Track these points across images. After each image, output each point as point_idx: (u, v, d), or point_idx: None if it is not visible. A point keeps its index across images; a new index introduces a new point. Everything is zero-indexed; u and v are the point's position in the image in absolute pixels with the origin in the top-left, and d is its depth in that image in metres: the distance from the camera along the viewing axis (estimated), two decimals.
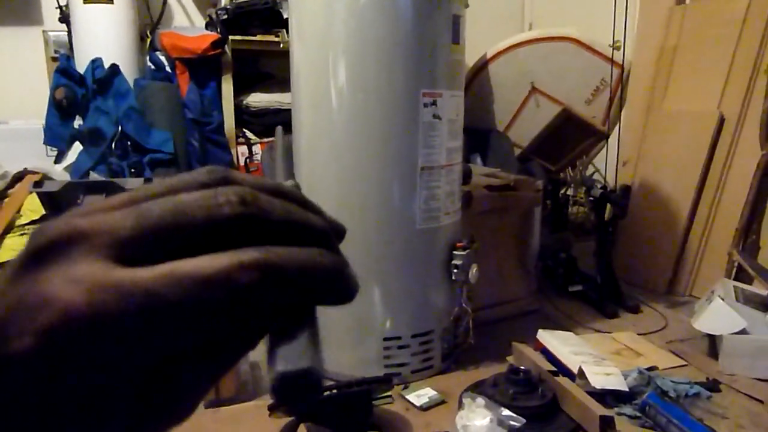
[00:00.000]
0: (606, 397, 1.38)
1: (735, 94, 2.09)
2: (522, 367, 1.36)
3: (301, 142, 1.52)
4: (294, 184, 0.28)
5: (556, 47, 2.69)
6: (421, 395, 1.44)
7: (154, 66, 2.74)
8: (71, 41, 2.67)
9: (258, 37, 2.73)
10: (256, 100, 2.81)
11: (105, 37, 2.59)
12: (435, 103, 1.43)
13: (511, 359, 1.58)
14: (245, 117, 2.82)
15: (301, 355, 0.21)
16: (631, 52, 2.47)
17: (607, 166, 2.31)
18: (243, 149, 2.84)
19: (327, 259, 0.22)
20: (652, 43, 2.42)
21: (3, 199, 2.18)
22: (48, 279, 0.19)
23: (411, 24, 1.38)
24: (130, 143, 2.52)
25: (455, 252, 1.52)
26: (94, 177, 2.40)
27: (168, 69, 2.74)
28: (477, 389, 1.35)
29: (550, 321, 1.93)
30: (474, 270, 1.52)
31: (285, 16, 2.68)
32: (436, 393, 1.45)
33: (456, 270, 1.51)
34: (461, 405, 1.29)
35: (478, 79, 2.82)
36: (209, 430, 1.30)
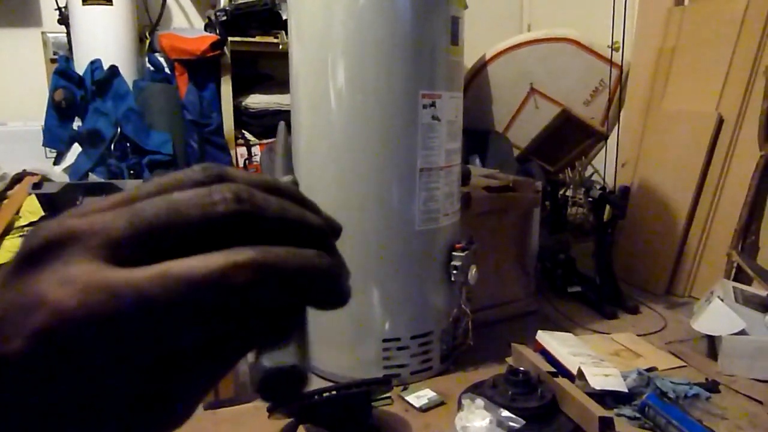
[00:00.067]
0: (605, 398, 1.38)
1: (734, 94, 2.09)
2: (521, 368, 1.36)
3: (300, 143, 1.52)
4: (292, 179, 0.28)
5: (555, 48, 2.69)
6: (421, 396, 1.44)
7: (153, 67, 2.75)
8: (70, 43, 2.67)
9: (257, 39, 2.73)
10: (255, 101, 2.81)
11: (104, 39, 2.59)
12: (434, 105, 1.43)
13: (511, 360, 1.58)
14: (244, 118, 2.82)
15: (287, 353, 0.21)
16: (630, 53, 2.47)
17: (606, 167, 2.31)
18: (242, 150, 2.84)
19: (325, 261, 0.22)
20: (650, 44, 2.42)
21: (2, 201, 2.18)
22: (41, 280, 0.19)
23: (410, 25, 1.38)
24: (129, 145, 2.52)
25: (454, 253, 1.52)
26: (93, 178, 2.40)
27: (167, 70, 2.74)
28: (476, 390, 1.35)
29: (549, 322, 1.92)
30: (473, 271, 1.52)
31: (284, 17, 2.68)
32: (435, 394, 1.45)
33: (455, 271, 1.51)
34: (460, 406, 1.29)
35: (477, 80, 2.82)
36: (208, 431, 1.30)
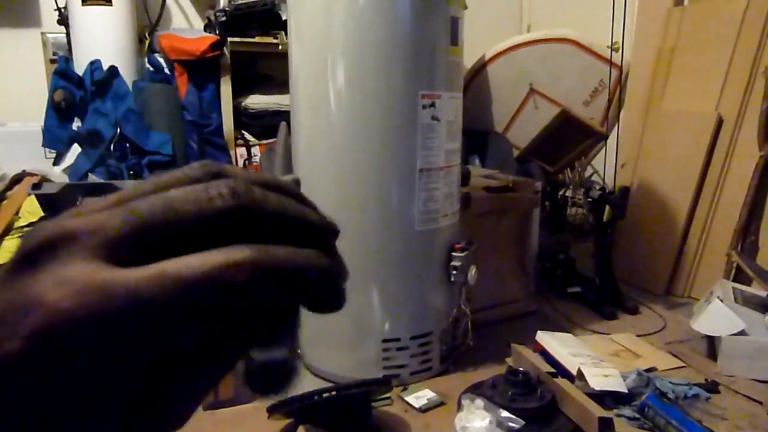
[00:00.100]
0: (605, 399, 1.39)
1: (733, 95, 2.10)
2: (521, 369, 1.36)
3: (300, 143, 1.52)
4: (294, 178, 0.27)
5: (554, 48, 2.69)
6: (420, 397, 1.44)
7: (152, 68, 2.75)
8: (70, 43, 2.67)
9: (257, 39, 2.73)
10: (254, 101, 2.81)
11: (103, 39, 2.59)
12: (433, 105, 1.43)
13: (510, 361, 1.58)
14: (244, 119, 2.82)
15: (278, 346, 0.21)
16: (630, 53, 2.47)
17: (606, 167, 2.30)
18: (242, 151, 2.84)
19: (324, 262, 0.21)
20: (650, 45, 2.42)
21: (1, 201, 2.18)
22: (38, 281, 0.19)
23: (409, 26, 1.38)
24: (128, 145, 2.52)
25: (454, 253, 1.52)
26: (92, 179, 2.40)
27: (167, 71, 2.74)
28: (476, 391, 1.35)
29: (548, 322, 1.92)
30: (473, 271, 1.52)
31: (284, 17, 2.68)
32: (435, 394, 1.45)
33: (455, 271, 1.51)
34: (460, 406, 1.29)
35: (476, 81, 2.82)
36: (208, 431, 1.30)
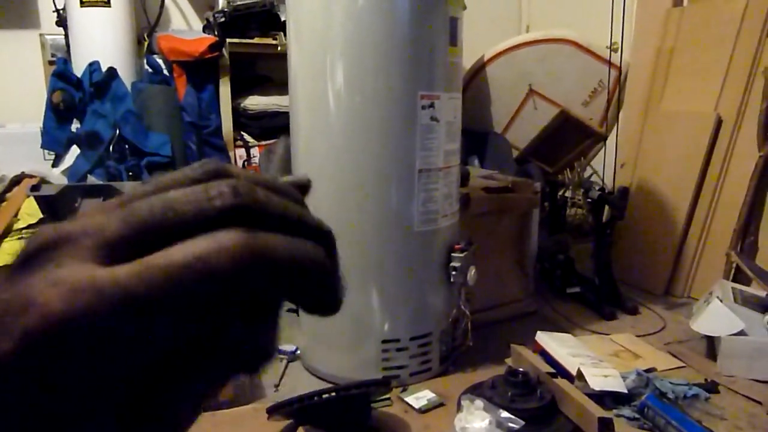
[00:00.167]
0: (604, 399, 1.39)
1: (732, 95, 2.10)
2: (520, 369, 1.36)
3: (299, 144, 1.52)
4: (305, 177, 0.26)
5: (553, 49, 2.70)
6: (420, 397, 1.44)
7: (151, 69, 2.74)
8: (68, 44, 2.66)
9: (255, 40, 2.73)
10: (253, 102, 2.81)
11: (102, 41, 2.59)
12: (433, 106, 1.43)
13: (510, 361, 1.58)
14: (243, 120, 2.82)
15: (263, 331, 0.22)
16: (629, 53, 2.47)
17: (605, 167, 2.31)
18: (241, 152, 2.84)
19: (320, 253, 0.21)
20: (649, 45, 2.42)
21: (0, 203, 2.18)
22: (32, 282, 0.19)
23: (408, 26, 1.38)
24: (127, 146, 2.52)
25: (453, 254, 1.52)
26: (91, 180, 2.40)
27: (165, 72, 2.74)
28: (475, 391, 1.35)
29: (548, 323, 1.92)
30: (472, 272, 1.52)
31: (282, 18, 2.68)
32: (434, 395, 1.45)
33: (454, 272, 1.51)
34: (460, 407, 1.29)
35: (475, 81, 2.82)
36: None
